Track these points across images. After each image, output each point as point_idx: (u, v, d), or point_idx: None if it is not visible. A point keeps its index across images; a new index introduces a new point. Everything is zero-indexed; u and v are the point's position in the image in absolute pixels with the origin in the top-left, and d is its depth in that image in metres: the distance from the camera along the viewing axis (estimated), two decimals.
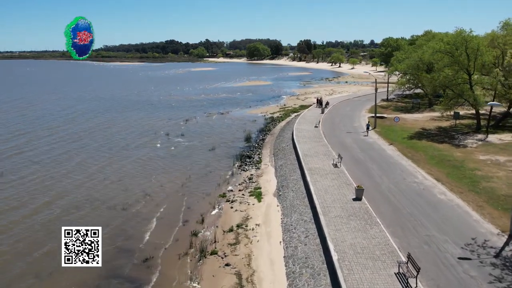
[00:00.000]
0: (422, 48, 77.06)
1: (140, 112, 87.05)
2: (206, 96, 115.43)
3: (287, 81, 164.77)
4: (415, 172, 37.07)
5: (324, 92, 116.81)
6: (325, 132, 54.48)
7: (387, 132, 55.26)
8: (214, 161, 48.08)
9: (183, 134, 62.79)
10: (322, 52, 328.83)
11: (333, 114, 69.63)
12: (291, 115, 78.43)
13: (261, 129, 66.36)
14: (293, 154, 45.38)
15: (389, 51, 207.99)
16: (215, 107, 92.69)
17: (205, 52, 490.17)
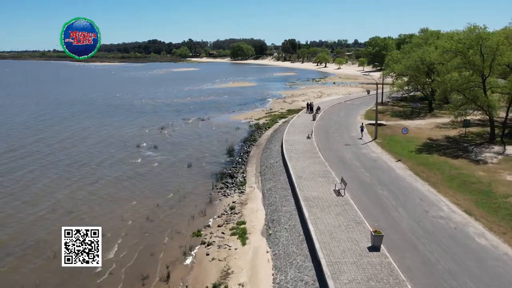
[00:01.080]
0: (422, 47, 70.15)
1: (112, 118, 78.62)
2: (186, 99, 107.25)
3: (273, 82, 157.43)
4: (437, 201, 29.70)
5: (312, 95, 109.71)
6: (320, 145, 46.96)
7: (391, 143, 48.01)
8: (190, 182, 40.21)
9: (156, 146, 54.74)
10: (307, 51, 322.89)
11: (326, 122, 62.20)
12: (278, 121, 70.92)
13: (245, 138, 58.69)
14: (284, 174, 37.73)
15: (377, 51, 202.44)
16: (195, 112, 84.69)
17: (188, 52, 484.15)
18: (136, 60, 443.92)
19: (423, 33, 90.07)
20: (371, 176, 35.46)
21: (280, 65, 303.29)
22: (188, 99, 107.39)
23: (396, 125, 59.39)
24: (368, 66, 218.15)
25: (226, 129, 66.06)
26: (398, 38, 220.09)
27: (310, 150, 43.95)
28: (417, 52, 68.14)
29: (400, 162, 40.03)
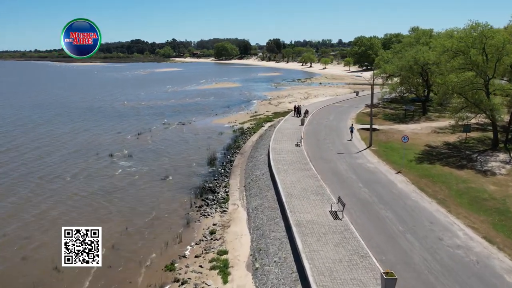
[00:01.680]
0: (415, 47, 66.43)
1: (89, 122, 73.37)
2: (168, 101, 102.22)
3: (257, 83, 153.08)
4: (450, 225, 25.63)
5: (298, 96, 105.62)
6: (310, 154, 42.70)
7: (387, 151, 43.98)
8: (165, 199, 35.60)
9: (130, 155, 49.97)
10: (291, 51, 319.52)
11: (315, 126, 57.99)
12: (264, 126, 66.57)
13: (228, 145, 54.19)
14: (271, 190, 33.37)
15: (363, 51, 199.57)
16: (177, 116, 79.91)
17: (171, 52, 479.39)
18: (119, 60, 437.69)
19: (414, 32, 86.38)
20: (371, 193, 31.26)
21: (265, 65, 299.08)
22: (170, 101, 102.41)
23: (390, 129, 55.50)
24: (354, 66, 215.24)
25: (208, 135, 61.50)
26: (384, 38, 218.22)
27: (300, 160, 39.63)
28: (410, 52, 64.35)
29: (401, 174, 35.94)
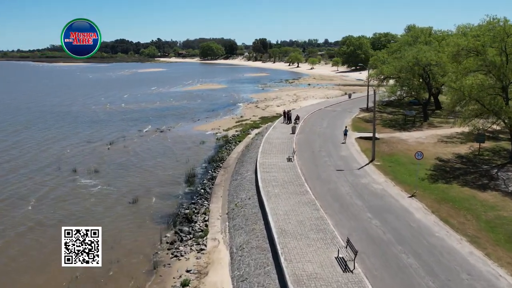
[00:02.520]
0: (415, 46, 60.68)
1: (58, 130, 66.25)
2: (146, 105, 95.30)
3: (244, 84, 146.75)
4: (495, 278, 19.67)
5: (287, 98, 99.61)
6: (305, 171, 36.53)
7: (394, 166, 38.03)
8: (129, 232, 29.12)
9: (97, 170, 43.31)
10: (278, 51, 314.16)
11: (308, 135, 51.83)
12: (250, 133, 60.37)
13: (210, 157, 47.86)
14: (260, 221, 27.13)
15: (352, 50, 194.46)
16: (155, 121, 73.26)
17: (156, 52, 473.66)
18: (102, 60, 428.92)
19: (410, 30, 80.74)
20: (384, 227, 25.13)
21: (251, 65, 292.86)
22: (150, 104, 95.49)
23: (392, 138, 49.60)
24: (343, 66, 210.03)
25: (188, 144, 55.06)
26: (373, 37, 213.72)
27: (294, 180, 33.40)
28: (411, 52, 58.56)
29: (415, 199, 29.90)
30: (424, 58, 55.96)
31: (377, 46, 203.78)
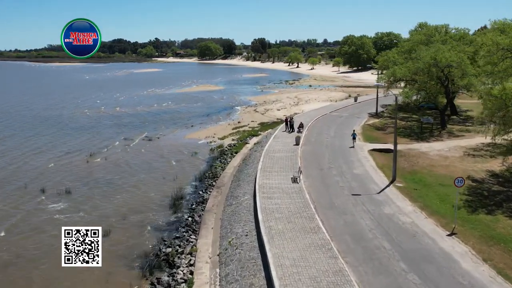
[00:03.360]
0: (434, 45, 54.35)
1: (33, 139, 59.67)
2: (137, 108, 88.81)
3: (242, 85, 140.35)
4: None
5: (287, 101, 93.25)
6: (314, 196, 30.20)
7: (420, 189, 31.78)
8: (94, 281, 22.71)
9: (69, 191, 36.91)
10: (277, 51, 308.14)
11: (314, 147, 45.45)
12: (248, 142, 54.12)
13: (202, 173, 41.57)
14: (260, 272, 20.86)
15: (353, 50, 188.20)
16: (143, 127, 66.91)
17: (154, 52, 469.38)
18: (99, 60, 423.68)
19: (422, 28, 74.32)
20: (425, 286, 18.74)
21: (250, 65, 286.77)
22: (140, 108, 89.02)
23: (410, 151, 43.32)
24: (344, 67, 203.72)
25: (178, 156, 48.77)
26: (375, 37, 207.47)
27: (302, 211, 27.03)
28: (428, 52, 52.19)
29: (457, 239, 23.55)
30: (443, 58, 49.64)
31: (380, 45, 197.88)
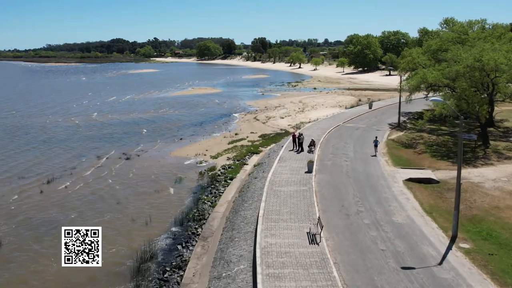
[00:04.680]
0: (478, 45, 44.10)
1: None
2: (122, 116, 78.46)
3: (241, 88, 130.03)
4: None
5: (291, 107, 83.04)
6: (346, 273, 19.92)
7: (501, 256, 21.44)
8: None
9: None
10: (278, 51, 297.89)
11: (332, 176, 35.04)
12: (247, 163, 44.15)
13: (185, 213, 31.44)
14: None
15: (359, 50, 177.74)
16: (124, 141, 56.75)
17: (152, 52, 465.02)
18: (96, 60, 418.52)
19: (448, 24, 63.89)
20: None
21: (250, 65, 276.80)
22: (125, 115, 78.65)
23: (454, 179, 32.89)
24: (349, 67, 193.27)
25: (158, 184, 38.43)
26: (382, 36, 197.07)
27: None
28: (471, 52, 41.84)
29: None
30: (491, 60, 39.32)
31: (387, 45, 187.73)
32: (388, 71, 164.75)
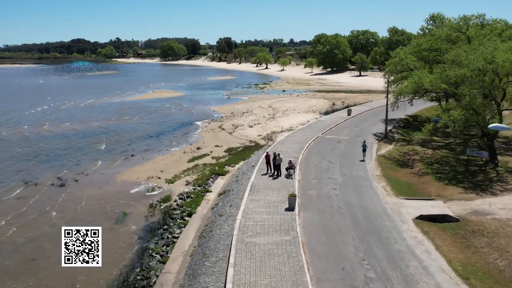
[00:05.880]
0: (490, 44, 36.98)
1: None
2: (65, 126, 68.32)
3: (206, 91, 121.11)
4: None
5: (261, 113, 75.06)
6: None
7: None
8: None
9: None
10: (244, 51, 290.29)
11: (321, 214, 26.88)
12: (210, 190, 35.78)
13: (124, 275, 22.69)
14: None
15: (328, 50, 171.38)
16: (60, 160, 47.32)
17: (114, 52, 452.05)
18: (54, 61, 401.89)
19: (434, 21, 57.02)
20: None
21: (215, 66, 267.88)
22: (69, 125, 68.52)
23: (477, 216, 25.64)
24: (317, 68, 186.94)
25: (94, 224, 29.21)
26: (351, 35, 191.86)
27: None
28: (481, 52, 34.55)
29: None
30: (507, 62, 32.18)
31: (356, 45, 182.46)
32: (359, 71, 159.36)
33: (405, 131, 52.76)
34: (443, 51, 46.97)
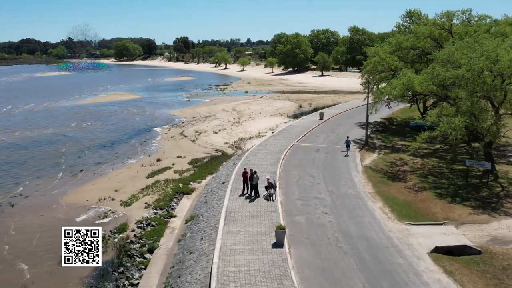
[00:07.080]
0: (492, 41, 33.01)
1: None
2: (12, 134, 60.64)
3: (164, 93, 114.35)
4: None
5: (225, 117, 69.76)
6: None
7: None
8: None
9: None
10: (202, 51, 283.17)
11: (318, 250, 21.90)
12: (174, 214, 30.33)
13: None
14: None
15: (289, 49, 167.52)
16: (4, 177, 40.15)
17: (66, 52, 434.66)
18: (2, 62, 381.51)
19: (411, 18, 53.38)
20: None
21: (173, 66, 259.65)
22: (9, 134, 60.84)
23: (499, 246, 21.22)
24: (279, 68, 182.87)
25: (23, 273, 23.15)
26: (311, 35, 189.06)
27: None
28: (482, 50, 30.46)
29: None
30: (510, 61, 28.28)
31: (316, 44, 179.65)
32: (321, 71, 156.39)
33: (384, 136, 48.78)
34: (426, 50, 43.07)
